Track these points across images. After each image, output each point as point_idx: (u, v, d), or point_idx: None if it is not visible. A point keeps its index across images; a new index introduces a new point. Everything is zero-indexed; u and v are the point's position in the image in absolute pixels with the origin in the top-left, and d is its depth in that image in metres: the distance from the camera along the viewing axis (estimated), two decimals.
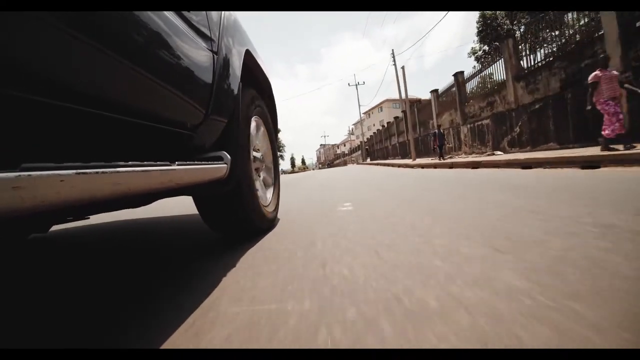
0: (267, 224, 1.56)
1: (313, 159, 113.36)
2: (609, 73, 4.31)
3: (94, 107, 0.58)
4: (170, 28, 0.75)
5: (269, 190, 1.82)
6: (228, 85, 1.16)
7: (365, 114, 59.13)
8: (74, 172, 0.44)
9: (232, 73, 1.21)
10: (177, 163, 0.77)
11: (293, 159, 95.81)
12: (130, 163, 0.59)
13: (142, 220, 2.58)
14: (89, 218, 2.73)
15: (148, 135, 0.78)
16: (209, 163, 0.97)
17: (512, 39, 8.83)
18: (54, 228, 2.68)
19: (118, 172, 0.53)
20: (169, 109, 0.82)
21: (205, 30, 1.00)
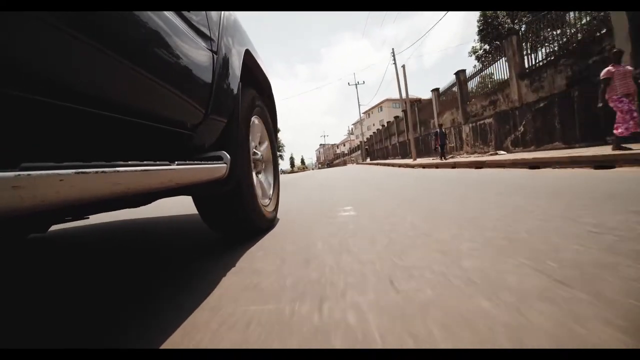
0: (266, 224, 1.56)
1: (312, 159, 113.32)
2: (623, 68, 4.02)
3: (94, 106, 0.58)
4: (170, 28, 0.75)
5: (269, 190, 1.82)
6: (228, 85, 1.16)
7: (365, 114, 59.15)
8: (74, 171, 0.44)
9: (231, 73, 1.21)
10: (176, 163, 0.77)
11: (292, 159, 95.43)
12: (130, 163, 0.59)
13: (141, 220, 2.58)
14: (89, 218, 2.73)
15: (148, 135, 0.78)
16: (209, 163, 0.97)
17: (515, 36, 8.65)
18: (53, 228, 2.68)
19: (118, 171, 0.53)
20: (169, 109, 0.82)
21: (205, 30, 1.00)
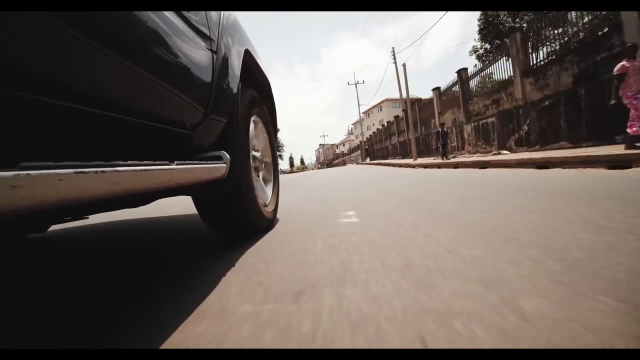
0: (266, 224, 1.56)
1: (312, 159, 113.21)
2: (638, 63, 3.82)
3: (94, 106, 0.57)
4: (170, 28, 0.75)
5: (268, 190, 1.82)
6: (227, 85, 1.16)
7: (365, 114, 59.14)
8: (73, 171, 0.44)
9: (231, 72, 1.21)
10: (176, 162, 0.77)
11: (292, 159, 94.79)
12: (130, 162, 0.59)
13: (141, 220, 2.58)
14: (88, 218, 2.73)
15: (147, 135, 0.78)
16: (208, 163, 0.97)
17: (519, 33, 8.42)
18: (53, 228, 2.68)
19: (117, 171, 0.53)
20: (168, 108, 0.82)
21: (205, 30, 1.00)
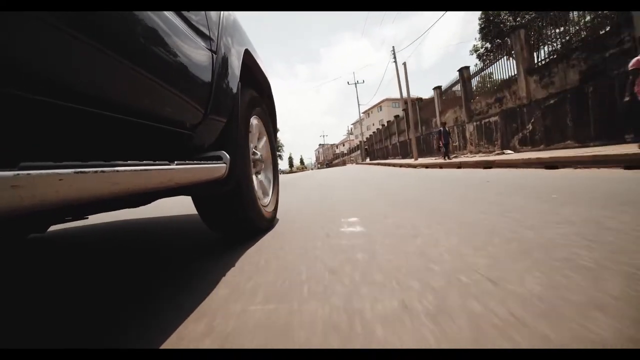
0: (266, 224, 1.56)
1: (312, 159, 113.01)
2: None
3: (93, 106, 0.57)
4: (170, 28, 0.75)
5: (268, 190, 1.82)
6: (227, 85, 1.16)
7: (365, 114, 59.15)
8: (73, 171, 0.44)
9: (231, 72, 1.21)
10: (176, 162, 0.77)
11: (291, 159, 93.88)
12: (129, 162, 0.59)
13: (141, 220, 2.58)
14: (88, 218, 2.73)
15: (147, 135, 0.78)
16: (208, 163, 0.97)
17: (524, 30, 8.15)
18: (53, 228, 2.67)
19: (117, 171, 0.53)
20: (168, 108, 0.82)
21: (205, 30, 1.00)
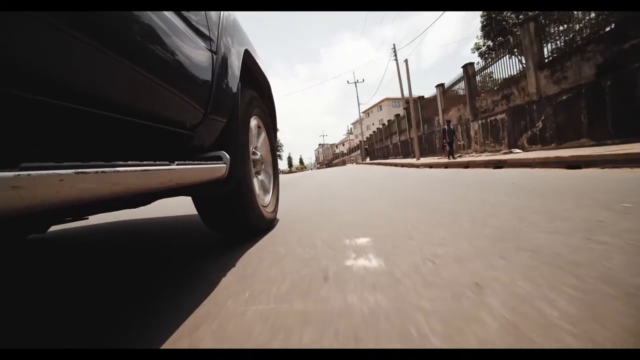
0: (266, 224, 1.56)
1: (312, 159, 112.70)
2: None
3: (94, 106, 0.58)
4: (170, 28, 0.75)
5: (268, 191, 1.82)
6: (227, 85, 1.16)
7: (365, 113, 59.11)
8: (74, 171, 0.44)
9: (231, 73, 1.21)
10: (176, 163, 0.77)
11: (290, 159, 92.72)
12: (130, 163, 0.59)
13: (141, 221, 2.58)
14: (88, 218, 2.73)
15: (147, 135, 0.78)
16: (208, 163, 0.97)
17: (533, 23, 7.58)
18: (53, 228, 2.67)
19: (117, 171, 0.53)
20: (168, 109, 0.82)
21: (205, 30, 1.00)
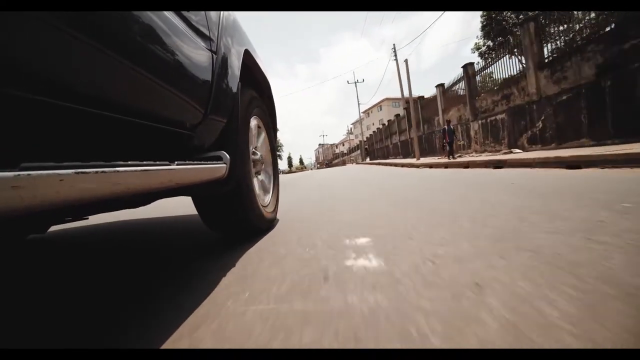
0: (266, 224, 1.56)
1: (312, 159, 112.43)
2: None
3: (94, 106, 0.58)
4: (170, 28, 0.75)
5: (268, 191, 1.82)
6: (227, 85, 1.16)
7: (365, 113, 59.09)
8: (74, 171, 0.44)
9: (231, 73, 1.21)
10: (176, 163, 0.77)
11: (290, 159, 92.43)
12: (130, 163, 0.59)
13: (141, 221, 2.58)
14: (88, 218, 2.73)
15: (147, 135, 0.78)
16: (209, 163, 0.97)
17: (533, 23, 7.60)
18: (53, 229, 2.67)
19: (117, 171, 0.53)
20: (168, 109, 0.82)
21: (204, 30, 1.00)
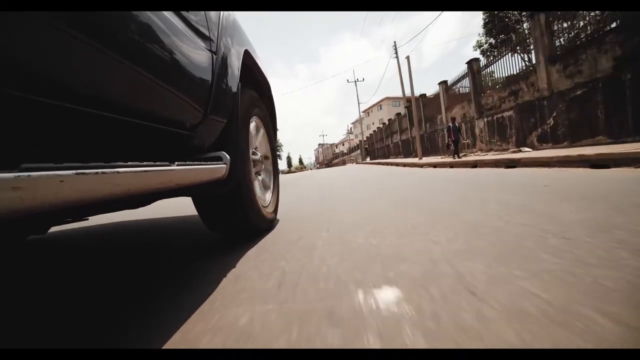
0: (266, 225, 1.56)
1: (311, 159, 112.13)
2: None
3: (94, 107, 0.58)
4: (169, 28, 0.75)
5: (268, 191, 1.82)
6: (227, 85, 1.16)
7: (365, 112, 59.06)
8: (74, 172, 0.44)
9: (230, 73, 1.21)
10: (176, 163, 0.77)
11: (289, 158, 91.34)
12: (130, 163, 0.59)
13: (141, 221, 2.58)
14: (88, 219, 2.73)
15: (147, 136, 0.78)
16: (209, 163, 0.97)
17: (544, 14, 7.15)
18: (53, 229, 2.67)
19: (117, 172, 0.53)
20: (168, 109, 0.82)
21: (204, 30, 1.00)
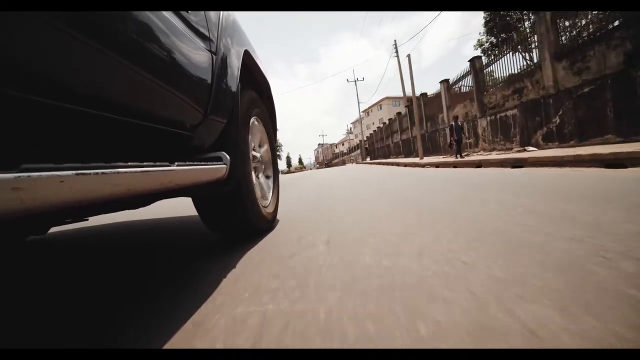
0: (266, 225, 1.56)
1: (311, 159, 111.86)
2: None
3: (94, 107, 0.58)
4: (169, 28, 0.75)
5: (268, 191, 1.82)
6: (227, 86, 1.16)
7: (365, 112, 59.04)
8: (74, 172, 0.44)
9: (230, 73, 1.21)
10: (176, 163, 0.77)
11: (289, 158, 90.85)
12: (130, 164, 0.59)
13: (141, 222, 2.58)
14: (88, 220, 2.73)
15: (147, 136, 0.78)
16: (209, 163, 0.97)
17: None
18: (53, 230, 2.67)
19: (118, 172, 0.53)
20: (168, 109, 0.82)
21: (204, 31, 1.00)
